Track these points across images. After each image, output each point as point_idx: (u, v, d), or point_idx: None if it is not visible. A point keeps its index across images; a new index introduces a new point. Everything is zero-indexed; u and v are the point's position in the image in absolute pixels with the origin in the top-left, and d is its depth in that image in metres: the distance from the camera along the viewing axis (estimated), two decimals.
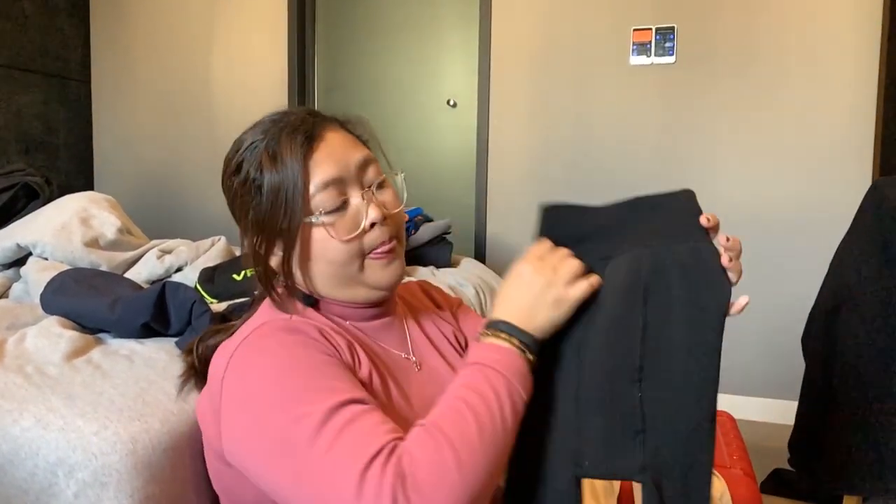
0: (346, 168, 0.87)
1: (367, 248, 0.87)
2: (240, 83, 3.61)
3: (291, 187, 0.83)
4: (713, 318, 0.79)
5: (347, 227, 0.86)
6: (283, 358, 0.78)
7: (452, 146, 3.43)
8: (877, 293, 1.88)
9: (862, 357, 1.89)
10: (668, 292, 0.79)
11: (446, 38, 3.44)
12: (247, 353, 0.81)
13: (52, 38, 3.61)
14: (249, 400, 0.77)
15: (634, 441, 0.76)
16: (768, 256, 2.88)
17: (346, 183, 0.87)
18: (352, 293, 0.90)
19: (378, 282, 0.89)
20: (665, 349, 0.77)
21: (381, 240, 0.88)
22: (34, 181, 2.28)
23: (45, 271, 1.68)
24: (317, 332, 0.83)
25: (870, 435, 1.87)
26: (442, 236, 2.50)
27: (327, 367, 0.78)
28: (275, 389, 0.76)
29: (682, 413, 0.75)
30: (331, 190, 0.85)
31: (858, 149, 2.74)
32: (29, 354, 1.19)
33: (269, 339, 0.82)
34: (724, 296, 0.82)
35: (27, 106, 3.48)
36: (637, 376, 0.77)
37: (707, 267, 0.83)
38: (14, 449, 0.94)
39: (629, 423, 0.76)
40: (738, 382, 2.93)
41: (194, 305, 1.25)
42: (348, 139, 0.90)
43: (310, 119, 0.88)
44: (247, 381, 0.78)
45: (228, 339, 0.88)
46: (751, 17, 2.84)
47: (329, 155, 0.86)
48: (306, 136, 0.85)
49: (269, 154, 0.85)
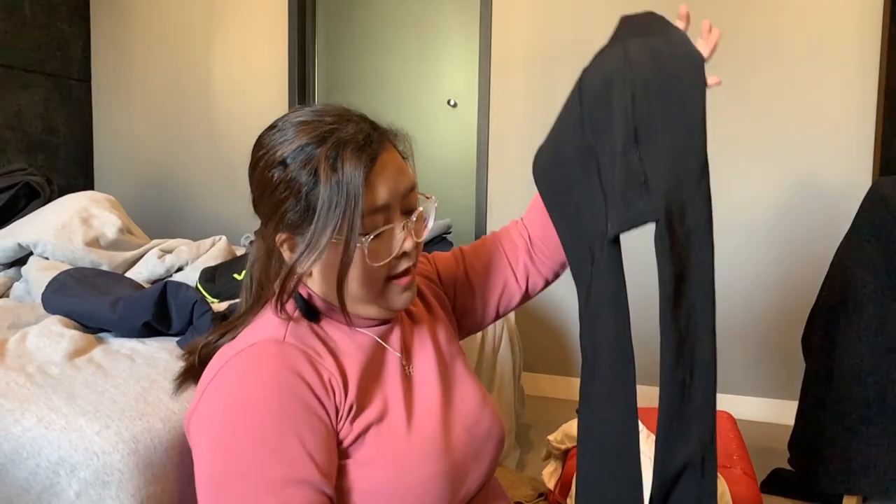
0: (396, 195, 0.86)
1: (392, 273, 0.88)
2: (240, 82, 3.61)
3: (348, 206, 0.81)
4: (693, 77, 0.88)
5: (382, 252, 0.86)
6: (261, 395, 0.78)
7: (452, 146, 3.43)
8: (876, 293, 1.89)
9: (862, 357, 1.89)
10: (647, 66, 0.89)
11: (447, 38, 3.44)
12: (229, 378, 0.81)
13: (52, 37, 3.61)
14: (216, 429, 0.78)
15: (640, 190, 0.84)
16: (768, 256, 2.88)
17: (392, 210, 0.86)
18: (364, 310, 0.90)
19: (394, 304, 0.90)
20: (652, 115, 0.86)
21: (406, 267, 0.89)
22: (35, 181, 2.28)
23: (46, 271, 1.69)
24: (305, 363, 0.82)
25: (869, 434, 1.88)
26: (442, 236, 2.51)
27: (301, 425, 0.78)
28: (244, 431, 0.76)
29: (677, 163, 0.84)
30: (379, 216, 0.85)
31: (858, 149, 2.75)
32: (30, 354, 1.19)
33: (253, 370, 0.80)
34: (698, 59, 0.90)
35: (27, 106, 3.48)
36: (634, 140, 0.86)
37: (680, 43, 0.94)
38: (16, 448, 0.94)
39: (634, 178, 0.85)
40: (737, 382, 2.93)
41: (196, 305, 1.25)
42: (399, 161, 0.89)
43: (373, 135, 0.86)
44: (219, 408, 0.79)
45: (226, 346, 0.87)
46: (752, 17, 2.84)
47: (386, 179, 0.85)
48: (373, 154, 0.84)
49: (329, 164, 0.82)
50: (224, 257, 1.99)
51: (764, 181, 2.88)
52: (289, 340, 0.85)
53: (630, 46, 0.94)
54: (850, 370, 1.91)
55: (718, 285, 0.86)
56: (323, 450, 0.78)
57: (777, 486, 2.18)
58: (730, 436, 1.80)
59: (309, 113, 0.87)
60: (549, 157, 1.07)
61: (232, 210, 3.61)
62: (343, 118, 0.86)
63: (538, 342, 3.17)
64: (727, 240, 2.92)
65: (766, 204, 2.88)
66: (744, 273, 2.91)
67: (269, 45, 3.54)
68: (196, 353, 0.97)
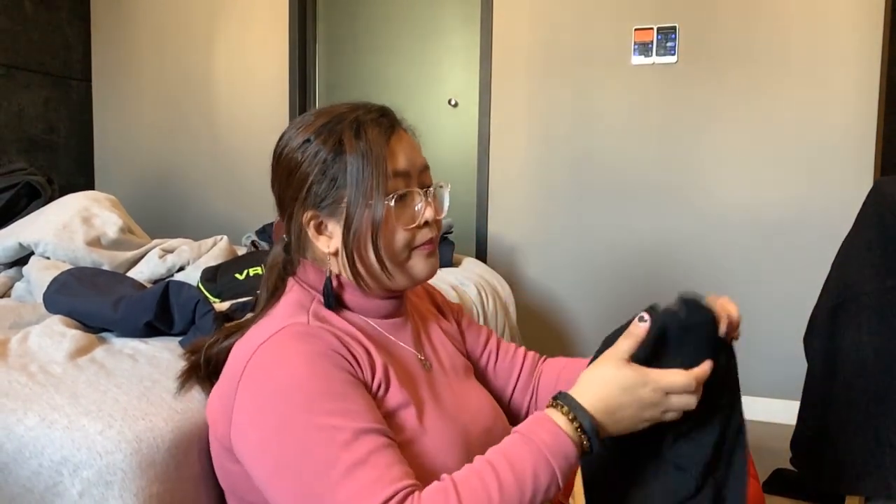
0: (414, 166, 0.92)
1: (415, 243, 0.92)
2: (241, 82, 3.61)
3: (375, 167, 0.87)
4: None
5: (409, 218, 0.90)
6: (305, 368, 0.79)
7: (453, 146, 3.43)
8: (879, 292, 1.88)
9: (864, 356, 1.89)
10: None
11: (448, 38, 3.44)
12: (266, 361, 0.81)
13: (52, 37, 3.61)
14: (267, 407, 0.78)
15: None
16: (770, 256, 2.88)
17: (410, 178, 0.91)
18: (389, 281, 0.92)
19: (420, 273, 0.93)
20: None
21: (429, 237, 0.93)
22: (36, 180, 2.28)
23: (48, 270, 1.68)
24: (335, 341, 0.84)
25: (871, 434, 1.87)
26: (444, 236, 2.50)
27: (349, 386, 0.79)
28: (297, 398, 0.76)
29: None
30: (400, 180, 0.90)
31: (860, 148, 2.74)
32: (33, 353, 1.19)
33: (288, 347, 0.81)
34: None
35: (28, 105, 3.48)
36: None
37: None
38: (18, 448, 0.94)
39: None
40: (739, 382, 2.93)
41: (198, 305, 1.25)
42: (414, 142, 0.96)
43: (385, 110, 0.95)
44: (265, 389, 0.79)
45: (243, 340, 0.88)
46: (752, 17, 2.84)
47: (405, 147, 0.92)
48: (391, 125, 0.92)
49: (352, 133, 0.88)
50: (225, 257, 1.98)
51: (766, 181, 2.87)
52: (313, 324, 0.87)
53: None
54: (852, 370, 1.91)
55: (720, 284, 0.87)
56: (371, 405, 0.80)
57: (779, 485, 2.18)
58: None
59: (322, 107, 0.96)
60: None
61: (233, 209, 3.61)
62: (356, 105, 0.94)
63: (539, 342, 3.17)
64: (728, 239, 2.92)
65: (767, 203, 2.87)
66: (745, 272, 2.90)
67: (270, 44, 3.54)
68: (201, 353, 0.97)
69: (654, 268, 3.04)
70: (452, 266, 2.47)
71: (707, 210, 2.96)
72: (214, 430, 0.89)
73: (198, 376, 1.00)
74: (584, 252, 3.14)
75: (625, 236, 3.08)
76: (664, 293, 3.28)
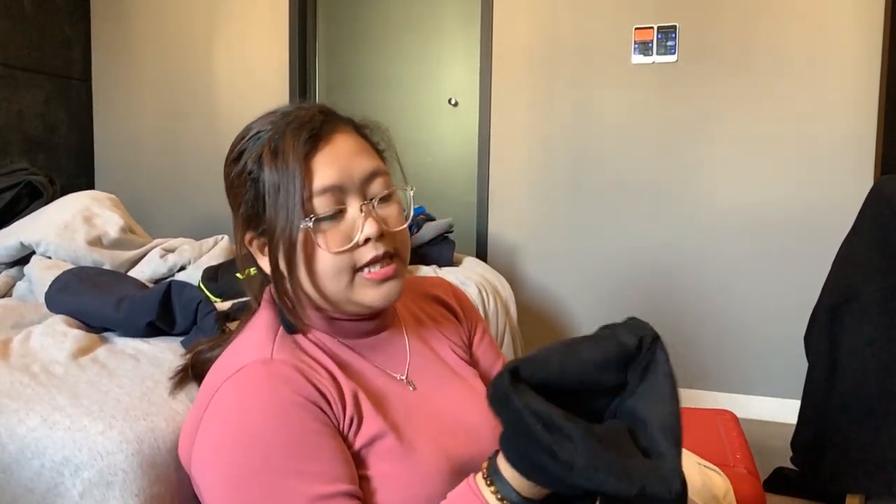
0: (349, 176, 0.81)
1: (358, 264, 0.81)
2: (241, 81, 3.61)
3: (290, 187, 0.78)
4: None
5: (340, 239, 0.80)
6: (266, 422, 0.73)
7: (454, 145, 3.43)
8: (879, 291, 1.89)
9: (864, 355, 1.89)
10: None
11: (448, 37, 3.44)
12: (228, 404, 0.76)
13: (52, 37, 3.61)
14: (225, 456, 0.74)
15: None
16: (770, 255, 2.88)
17: (346, 192, 0.81)
18: (342, 307, 0.84)
19: (367, 302, 0.83)
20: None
21: (372, 255, 0.81)
22: (38, 180, 2.28)
23: (49, 270, 1.68)
24: (301, 379, 0.77)
25: (872, 433, 1.88)
26: (444, 235, 2.50)
27: (312, 438, 0.74)
28: (256, 454, 0.72)
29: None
30: (328, 196, 0.80)
31: (860, 147, 2.74)
32: (34, 353, 1.19)
33: (250, 395, 0.76)
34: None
35: (28, 105, 3.48)
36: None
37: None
38: (20, 448, 0.94)
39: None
40: (740, 381, 2.93)
41: (200, 304, 1.25)
42: (359, 145, 0.85)
43: (319, 117, 0.83)
44: (226, 435, 0.75)
45: (217, 363, 0.84)
46: (753, 17, 2.84)
47: (333, 159, 0.81)
48: (311, 135, 0.80)
49: (270, 148, 0.80)
50: (226, 256, 1.98)
51: (766, 181, 2.87)
52: (277, 357, 0.80)
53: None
54: (853, 368, 1.91)
55: (720, 284, 0.83)
56: (339, 456, 0.75)
57: (780, 484, 2.18)
58: (733, 434, 1.80)
59: (269, 108, 0.87)
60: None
61: None
62: (300, 108, 0.85)
63: (539, 342, 3.17)
64: (727, 238, 2.92)
65: (768, 203, 2.87)
66: (746, 272, 2.90)
67: (270, 44, 3.54)
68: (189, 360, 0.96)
69: (654, 266, 3.04)
70: (453, 265, 2.47)
71: (707, 209, 2.96)
72: (182, 445, 0.86)
73: (188, 380, 1.00)
74: (583, 251, 3.14)
75: (625, 234, 3.08)
76: (664, 292, 3.29)
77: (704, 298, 2.96)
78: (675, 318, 2.99)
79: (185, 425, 0.85)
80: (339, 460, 0.74)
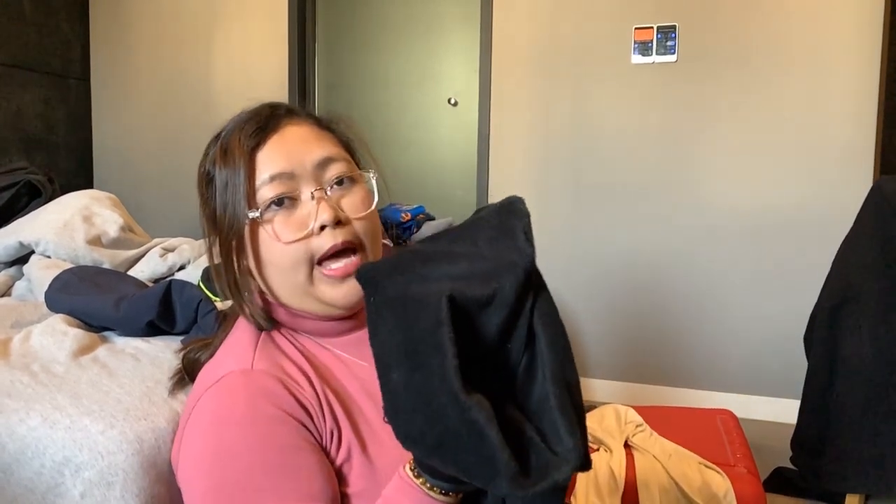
0: (300, 163, 0.78)
1: (316, 255, 0.77)
2: (240, 81, 3.60)
3: (235, 181, 0.77)
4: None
5: (293, 228, 0.77)
6: (245, 439, 0.72)
7: (453, 144, 3.43)
8: (879, 292, 1.89)
9: (864, 355, 1.89)
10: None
11: (447, 37, 3.43)
12: (208, 415, 0.75)
13: (51, 36, 3.60)
14: (205, 468, 0.73)
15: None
16: (770, 255, 2.88)
17: (297, 179, 0.78)
18: (307, 305, 0.80)
19: (330, 300, 0.79)
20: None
21: (330, 245, 0.77)
22: (37, 179, 2.28)
23: (48, 269, 1.68)
24: (281, 390, 0.75)
25: (871, 433, 1.88)
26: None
27: (291, 454, 0.72)
28: (235, 468, 0.71)
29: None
30: (276, 185, 0.77)
31: (860, 148, 2.74)
32: (35, 353, 1.19)
33: (231, 408, 0.74)
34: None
35: (27, 105, 3.47)
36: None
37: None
38: (21, 448, 0.94)
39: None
40: (740, 381, 2.93)
41: (200, 304, 1.25)
42: (313, 134, 0.82)
43: (266, 110, 0.82)
44: (206, 447, 0.74)
45: (205, 369, 0.83)
46: (752, 16, 2.84)
47: (279, 148, 0.79)
48: (257, 128, 0.80)
49: (221, 147, 0.81)
50: None
51: (766, 181, 2.87)
52: (257, 367, 0.77)
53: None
54: (852, 369, 1.91)
55: (721, 284, 0.83)
56: (318, 473, 0.72)
57: (780, 484, 2.18)
58: (733, 434, 1.80)
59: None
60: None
61: None
62: (244, 111, 0.85)
63: None
64: (727, 238, 2.92)
65: (768, 203, 2.87)
66: (746, 272, 2.90)
67: (270, 43, 3.54)
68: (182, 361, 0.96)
69: (654, 266, 3.04)
70: None
71: (706, 208, 2.96)
72: (173, 452, 0.85)
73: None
74: (583, 250, 3.14)
75: (624, 234, 3.08)
76: (664, 291, 3.28)
77: (704, 298, 2.96)
78: (676, 318, 2.99)
79: (177, 437, 0.84)
80: (319, 478, 0.72)
